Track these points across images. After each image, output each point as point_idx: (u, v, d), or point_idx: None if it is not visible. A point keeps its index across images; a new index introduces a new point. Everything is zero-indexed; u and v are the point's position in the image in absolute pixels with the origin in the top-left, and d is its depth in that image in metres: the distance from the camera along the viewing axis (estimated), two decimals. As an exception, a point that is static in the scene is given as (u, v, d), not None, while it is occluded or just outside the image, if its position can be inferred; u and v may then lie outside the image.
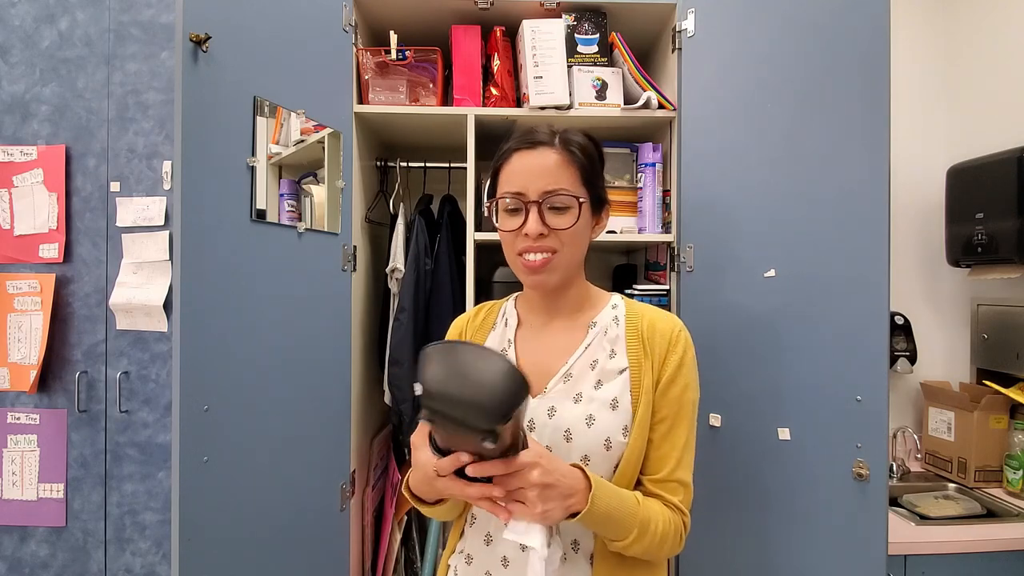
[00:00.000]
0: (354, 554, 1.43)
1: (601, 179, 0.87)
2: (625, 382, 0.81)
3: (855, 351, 1.21)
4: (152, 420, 1.45)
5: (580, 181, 0.81)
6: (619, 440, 0.79)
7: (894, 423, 1.88)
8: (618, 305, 0.88)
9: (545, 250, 0.80)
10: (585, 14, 1.45)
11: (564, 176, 0.80)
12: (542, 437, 0.80)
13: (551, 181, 0.79)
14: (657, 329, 0.83)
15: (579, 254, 0.84)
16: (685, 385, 0.82)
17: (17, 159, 1.45)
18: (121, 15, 1.45)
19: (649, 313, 0.86)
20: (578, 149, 0.82)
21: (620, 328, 0.85)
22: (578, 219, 0.80)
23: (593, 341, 0.84)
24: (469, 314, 0.98)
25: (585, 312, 0.88)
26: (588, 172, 0.82)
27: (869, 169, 1.22)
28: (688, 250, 1.32)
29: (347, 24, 1.38)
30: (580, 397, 0.80)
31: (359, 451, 1.47)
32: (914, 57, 1.95)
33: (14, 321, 1.45)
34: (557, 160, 0.80)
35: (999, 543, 1.39)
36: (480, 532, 0.84)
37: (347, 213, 1.39)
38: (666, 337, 0.83)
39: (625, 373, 0.81)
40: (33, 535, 1.46)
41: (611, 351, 0.83)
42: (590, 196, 0.83)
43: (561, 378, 0.82)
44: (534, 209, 0.79)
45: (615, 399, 0.80)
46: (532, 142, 0.82)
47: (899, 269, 1.88)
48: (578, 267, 0.86)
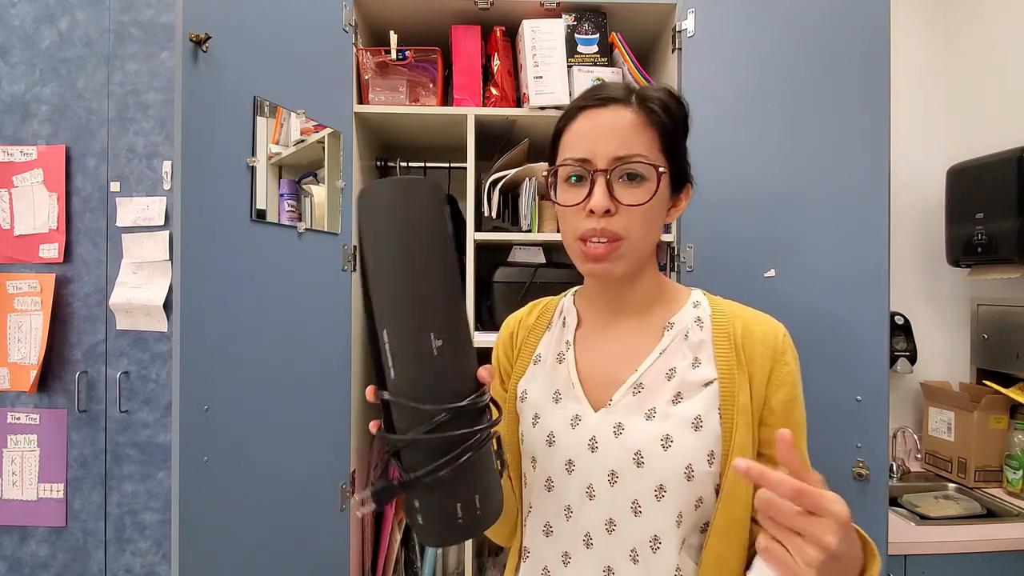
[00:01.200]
0: (354, 554, 1.43)
1: (684, 148, 0.71)
2: (712, 398, 0.65)
3: (855, 351, 1.21)
4: (152, 420, 1.45)
5: (661, 148, 0.67)
6: (704, 469, 0.64)
7: (894, 423, 1.88)
8: (700, 303, 0.72)
9: (609, 235, 0.65)
10: (585, 14, 1.45)
11: (640, 140, 0.65)
12: (607, 461, 0.66)
13: (624, 145, 0.65)
14: (755, 334, 0.68)
15: (651, 239, 0.69)
16: (798, 399, 0.68)
17: (17, 159, 1.45)
18: (121, 15, 1.45)
19: (742, 313, 0.71)
20: (660, 108, 0.67)
21: (705, 331, 0.69)
22: (655, 193, 0.65)
23: (670, 345, 0.69)
24: (521, 312, 0.85)
25: (658, 310, 0.72)
26: (671, 137, 0.68)
27: (869, 169, 1.22)
28: (688, 250, 1.32)
29: (347, 24, 1.38)
30: (654, 413, 0.66)
31: (359, 451, 1.47)
32: (914, 57, 1.95)
33: (14, 321, 1.45)
34: (633, 120, 0.66)
35: (999, 543, 1.39)
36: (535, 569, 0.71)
37: (347, 213, 1.39)
38: (769, 345, 0.67)
39: (713, 386, 0.66)
40: (33, 535, 1.46)
41: (694, 359, 0.68)
42: (671, 167, 0.68)
43: (630, 389, 0.68)
44: (600, 179, 0.64)
45: (698, 417, 0.65)
46: (603, 98, 0.67)
47: (899, 269, 1.88)
48: (649, 255, 0.71)
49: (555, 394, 0.73)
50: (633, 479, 0.64)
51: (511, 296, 1.49)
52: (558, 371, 0.74)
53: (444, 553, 1.73)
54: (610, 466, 0.66)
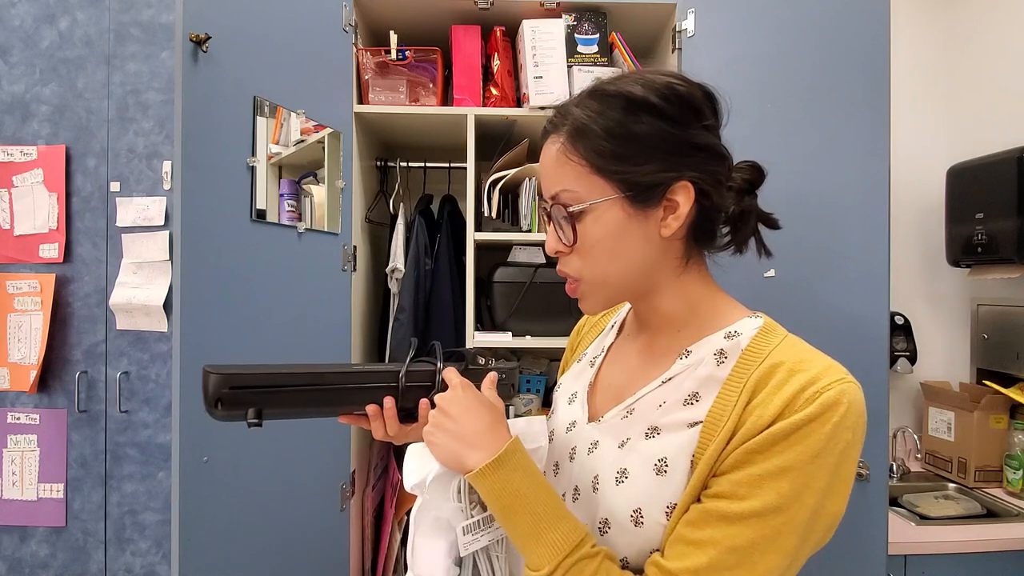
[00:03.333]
0: (354, 554, 1.43)
1: (650, 150, 0.56)
2: (690, 442, 0.54)
3: (855, 351, 1.21)
4: (152, 420, 1.45)
5: (589, 171, 0.57)
6: (656, 519, 0.54)
7: (894, 423, 1.87)
8: (741, 334, 0.58)
9: (564, 275, 0.62)
10: (585, 14, 1.45)
11: (565, 172, 0.58)
12: (575, 474, 0.63)
13: (552, 182, 0.59)
14: (777, 373, 0.53)
15: (616, 269, 0.59)
16: (782, 471, 0.49)
17: (17, 159, 1.45)
18: (121, 15, 1.45)
19: (787, 353, 0.54)
20: (577, 127, 0.57)
21: (725, 367, 0.56)
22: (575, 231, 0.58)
23: (676, 376, 0.59)
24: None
25: (688, 333, 0.61)
26: (597, 154, 0.56)
27: (869, 169, 1.22)
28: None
29: (347, 24, 1.38)
30: (626, 442, 0.59)
31: (359, 451, 1.47)
32: (914, 57, 1.95)
33: (14, 321, 1.45)
34: (558, 152, 0.58)
35: (999, 543, 1.39)
36: None
37: (347, 213, 1.39)
38: (790, 388, 0.51)
39: (695, 429, 0.54)
40: (33, 535, 1.46)
41: (692, 394, 0.57)
42: (618, 186, 0.56)
43: (623, 410, 0.62)
44: (550, 220, 0.61)
45: (663, 460, 0.55)
46: (545, 130, 0.61)
47: (899, 269, 1.88)
48: (635, 282, 0.61)
49: (572, 395, 0.73)
50: (588, 502, 0.60)
51: (511, 296, 1.49)
52: (585, 374, 0.73)
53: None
54: (575, 481, 0.63)
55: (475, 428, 0.58)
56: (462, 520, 0.59)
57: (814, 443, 0.49)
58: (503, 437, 0.58)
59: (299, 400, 0.61)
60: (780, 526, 0.49)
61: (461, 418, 0.59)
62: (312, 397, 0.61)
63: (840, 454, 0.50)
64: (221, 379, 0.57)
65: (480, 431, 0.58)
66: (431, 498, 0.60)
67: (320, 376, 0.61)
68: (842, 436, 0.50)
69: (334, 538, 1.35)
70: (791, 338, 0.58)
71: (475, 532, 0.60)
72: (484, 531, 0.60)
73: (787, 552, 0.49)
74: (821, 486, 0.50)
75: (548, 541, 0.53)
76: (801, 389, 0.51)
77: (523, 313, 1.47)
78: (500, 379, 0.69)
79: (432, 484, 0.59)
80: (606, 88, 0.59)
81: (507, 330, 1.46)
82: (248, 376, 0.58)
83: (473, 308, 1.43)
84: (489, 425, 0.59)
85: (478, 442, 0.57)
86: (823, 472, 0.49)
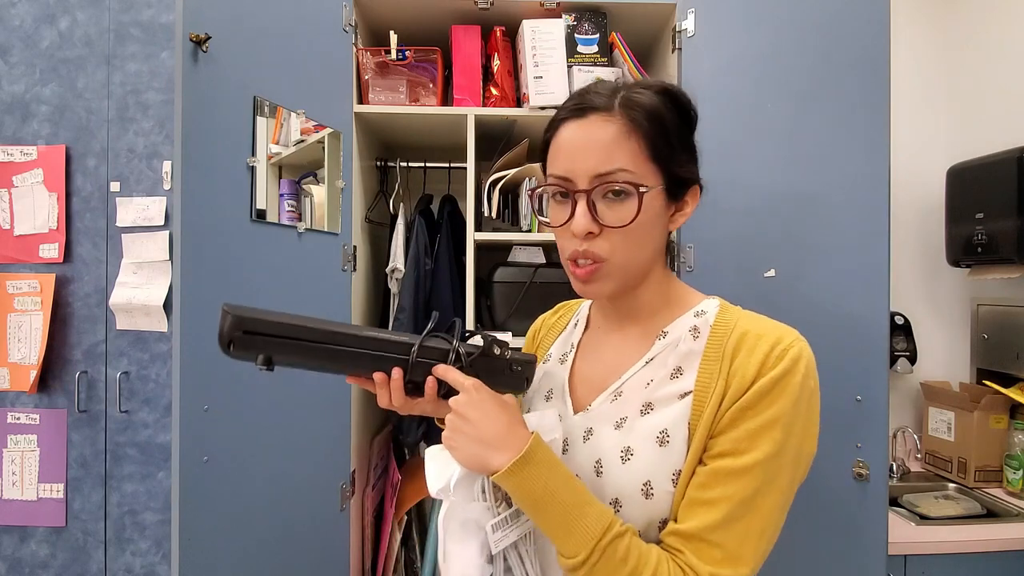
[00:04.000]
0: (354, 554, 1.43)
1: (684, 150, 0.64)
2: (685, 411, 0.60)
3: (855, 351, 1.21)
4: (152, 420, 1.45)
5: (647, 157, 0.60)
6: (664, 488, 0.59)
7: (894, 423, 1.87)
8: (707, 312, 0.65)
9: (592, 257, 0.62)
10: (585, 14, 1.45)
11: (623, 152, 0.60)
12: (572, 465, 0.64)
13: (604, 161, 0.60)
14: (749, 343, 0.60)
15: (642, 255, 0.64)
16: (773, 421, 0.56)
17: (17, 159, 1.45)
18: (121, 15, 1.45)
19: (750, 324, 0.62)
20: (644, 112, 0.60)
21: (700, 342, 0.63)
22: (639, 211, 0.60)
23: (659, 355, 0.65)
24: (549, 313, 0.89)
25: (660, 318, 0.68)
26: (659, 143, 0.61)
27: (869, 169, 1.22)
28: (688, 250, 1.32)
29: (347, 24, 1.38)
30: (623, 423, 0.63)
31: (359, 451, 1.47)
32: (914, 57, 1.95)
33: (14, 321, 1.45)
34: (615, 131, 0.60)
35: (999, 543, 1.39)
36: None
37: (347, 213, 1.39)
38: (760, 350, 0.58)
39: (687, 399, 0.60)
40: (33, 535, 1.46)
41: (676, 369, 0.63)
42: (663, 176, 0.62)
43: (610, 396, 0.66)
44: (582, 200, 0.61)
45: (664, 431, 0.60)
46: (582, 108, 0.62)
47: (899, 269, 1.88)
48: (645, 269, 0.66)
49: (548, 392, 0.74)
50: (592, 487, 0.62)
51: (511, 296, 1.49)
52: (558, 372, 0.76)
53: (444, 553, 1.73)
54: (575, 470, 0.64)
55: (495, 429, 0.60)
56: (490, 518, 0.60)
57: (792, 392, 0.57)
58: (523, 436, 0.60)
59: (309, 354, 0.61)
60: (777, 469, 0.56)
61: (479, 421, 0.60)
62: (322, 354, 0.61)
63: (809, 399, 0.59)
64: (235, 321, 0.57)
65: (500, 432, 0.59)
66: (457, 500, 0.61)
67: (334, 335, 0.61)
68: (808, 384, 0.59)
69: (334, 538, 1.35)
70: (744, 311, 0.66)
71: (504, 528, 0.60)
72: (513, 527, 0.61)
73: (782, 489, 0.57)
74: (800, 428, 0.58)
75: (580, 529, 0.56)
76: (770, 349, 0.58)
77: (523, 313, 1.47)
78: (516, 370, 0.69)
79: (456, 487, 0.60)
80: (651, 83, 0.65)
81: (507, 330, 1.46)
82: (263, 323, 0.58)
83: (473, 308, 1.43)
84: (508, 425, 0.60)
85: (500, 443, 0.59)
86: (800, 415, 0.58)
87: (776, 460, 0.56)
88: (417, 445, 1.77)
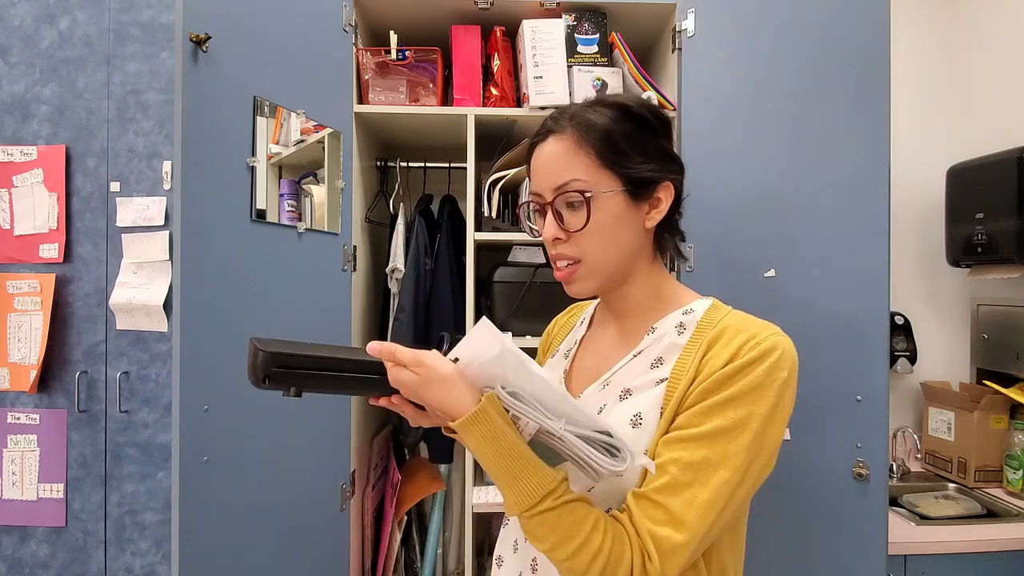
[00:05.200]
0: (354, 554, 1.43)
1: (639, 153, 0.68)
2: (658, 396, 0.64)
3: (855, 351, 1.21)
4: (152, 420, 1.45)
5: (598, 164, 0.66)
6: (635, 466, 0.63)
7: (894, 423, 1.87)
8: (695, 310, 0.69)
9: (566, 258, 0.69)
10: (585, 14, 1.45)
11: (575, 164, 0.67)
12: None
13: (559, 173, 0.67)
14: (726, 334, 0.64)
15: (614, 253, 0.69)
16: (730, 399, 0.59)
17: (17, 159, 1.45)
18: (121, 15, 1.45)
19: (734, 320, 0.66)
20: (590, 125, 0.67)
21: (684, 336, 0.67)
22: (588, 214, 0.66)
23: (646, 349, 0.70)
24: (562, 313, 0.95)
25: (653, 314, 0.72)
26: (607, 151, 0.67)
27: (869, 169, 1.22)
28: (688, 250, 1.32)
29: (347, 24, 1.38)
30: (603, 409, 0.69)
31: (359, 451, 1.47)
32: (914, 57, 1.95)
33: (14, 321, 1.45)
34: (566, 147, 0.67)
35: (999, 543, 1.39)
36: (509, 537, 0.77)
37: (347, 213, 1.39)
38: (736, 342, 0.62)
39: (662, 385, 0.65)
40: (33, 535, 1.46)
41: (657, 359, 0.67)
42: (620, 179, 0.67)
43: (599, 385, 0.72)
44: (549, 211, 0.69)
45: (638, 415, 0.64)
46: (544, 132, 0.71)
47: (899, 269, 1.88)
48: (625, 266, 0.71)
49: None
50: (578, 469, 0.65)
51: (511, 296, 1.49)
52: (560, 365, 0.82)
53: (444, 553, 1.73)
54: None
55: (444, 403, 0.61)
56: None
57: (755, 378, 0.60)
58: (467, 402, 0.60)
59: (337, 384, 0.65)
60: (728, 444, 0.59)
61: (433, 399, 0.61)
62: (351, 383, 0.65)
63: (778, 388, 0.60)
64: (269, 357, 0.60)
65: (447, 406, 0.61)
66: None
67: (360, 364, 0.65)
68: (778, 374, 0.61)
69: (334, 538, 1.35)
70: (736, 311, 0.69)
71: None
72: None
73: (736, 468, 0.58)
74: (763, 412, 0.59)
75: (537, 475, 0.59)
76: (745, 341, 0.62)
77: (523, 313, 1.47)
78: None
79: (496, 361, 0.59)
80: (605, 99, 0.70)
81: (507, 330, 1.45)
82: (296, 358, 0.61)
83: (473, 308, 1.43)
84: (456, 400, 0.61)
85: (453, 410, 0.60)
86: (764, 401, 0.60)
87: (728, 435, 0.59)
88: (417, 445, 1.77)
